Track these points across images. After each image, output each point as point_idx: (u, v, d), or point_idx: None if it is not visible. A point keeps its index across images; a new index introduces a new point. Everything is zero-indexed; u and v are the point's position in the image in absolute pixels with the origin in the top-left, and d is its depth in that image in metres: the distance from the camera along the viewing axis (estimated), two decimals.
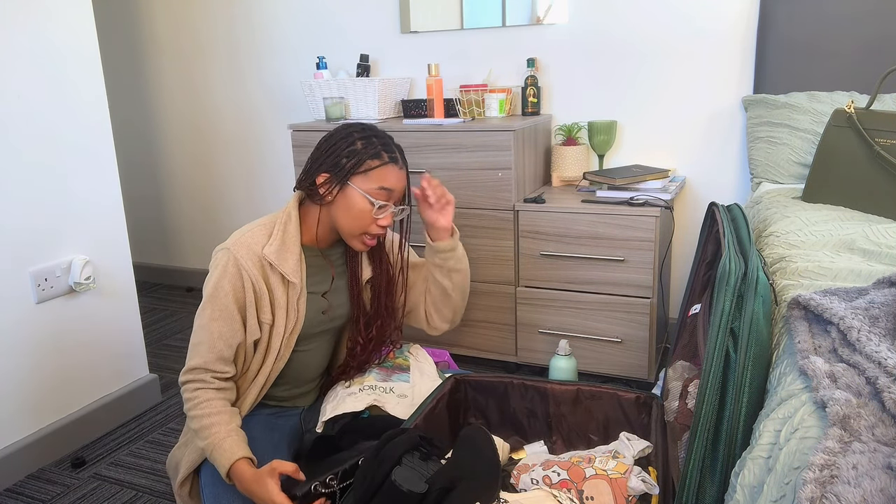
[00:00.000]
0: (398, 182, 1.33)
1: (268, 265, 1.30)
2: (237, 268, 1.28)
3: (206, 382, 1.26)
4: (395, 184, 1.32)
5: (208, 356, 1.26)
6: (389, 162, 1.32)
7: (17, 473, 1.74)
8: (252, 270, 1.28)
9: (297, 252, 1.33)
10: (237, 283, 1.28)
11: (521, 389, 1.53)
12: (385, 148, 1.33)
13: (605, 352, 2.04)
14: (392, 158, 1.33)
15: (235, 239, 1.31)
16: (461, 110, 2.31)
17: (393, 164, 1.32)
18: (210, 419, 1.22)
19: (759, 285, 0.94)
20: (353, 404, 1.38)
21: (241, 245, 1.29)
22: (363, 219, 1.31)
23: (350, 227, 1.32)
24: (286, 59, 2.83)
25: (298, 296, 1.33)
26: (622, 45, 2.29)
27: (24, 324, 1.74)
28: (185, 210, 3.28)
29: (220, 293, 1.27)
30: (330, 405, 1.40)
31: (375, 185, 1.30)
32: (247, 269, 1.28)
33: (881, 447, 0.64)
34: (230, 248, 1.29)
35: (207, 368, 1.26)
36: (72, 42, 1.82)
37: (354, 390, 1.43)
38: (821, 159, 1.60)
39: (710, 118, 2.24)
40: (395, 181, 1.32)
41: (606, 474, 1.15)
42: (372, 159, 1.31)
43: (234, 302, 1.27)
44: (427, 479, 1.08)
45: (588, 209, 1.96)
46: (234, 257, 1.28)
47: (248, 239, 1.30)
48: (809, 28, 1.99)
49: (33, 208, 1.75)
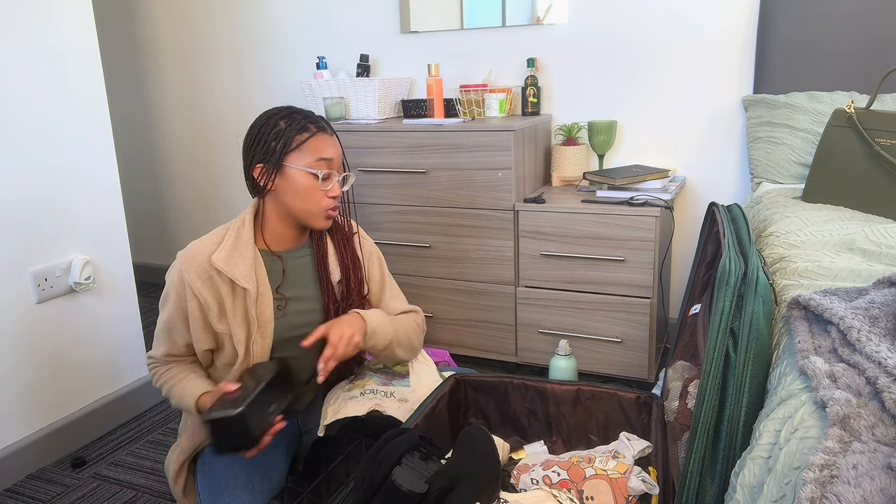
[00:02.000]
0: (333, 149, 1.29)
1: (216, 273, 1.26)
2: (180, 279, 1.27)
3: (166, 364, 1.34)
4: (331, 152, 1.28)
5: (164, 348, 1.33)
6: (318, 132, 1.28)
7: (17, 473, 1.74)
8: (195, 283, 1.25)
9: (250, 256, 1.28)
10: (181, 294, 1.27)
11: (521, 389, 1.53)
12: (309, 120, 1.30)
13: (605, 352, 2.04)
14: (320, 128, 1.29)
15: (185, 249, 1.29)
16: (461, 110, 2.31)
17: (322, 132, 1.29)
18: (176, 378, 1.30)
19: (759, 285, 0.94)
20: (355, 408, 1.38)
21: (188, 256, 1.27)
22: (312, 195, 1.27)
23: (303, 208, 1.28)
24: (286, 59, 2.83)
25: (256, 301, 1.28)
26: (622, 45, 2.29)
27: (24, 324, 1.74)
28: (186, 210, 3.28)
29: (167, 302, 1.30)
30: (331, 408, 1.40)
31: (312, 158, 1.26)
32: (189, 281, 1.26)
33: (881, 447, 0.64)
34: (178, 259, 1.28)
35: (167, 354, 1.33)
36: (72, 42, 1.82)
37: (356, 394, 1.43)
38: (821, 159, 1.60)
39: (710, 118, 2.24)
40: (330, 149, 1.28)
41: (606, 474, 1.15)
42: (300, 133, 1.27)
43: (178, 313, 1.29)
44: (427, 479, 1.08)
45: (588, 209, 1.96)
46: (178, 269, 1.27)
47: (195, 249, 1.28)
48: (809, 28, 1.99)
49: (33, 208, 1.75)
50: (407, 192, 2.18)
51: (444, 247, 2.18)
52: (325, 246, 1.40)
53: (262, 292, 1.29)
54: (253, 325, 1.29)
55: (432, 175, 2.13)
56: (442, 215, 2.15)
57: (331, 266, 1.39)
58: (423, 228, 2.19)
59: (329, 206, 1.29)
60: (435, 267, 2.22)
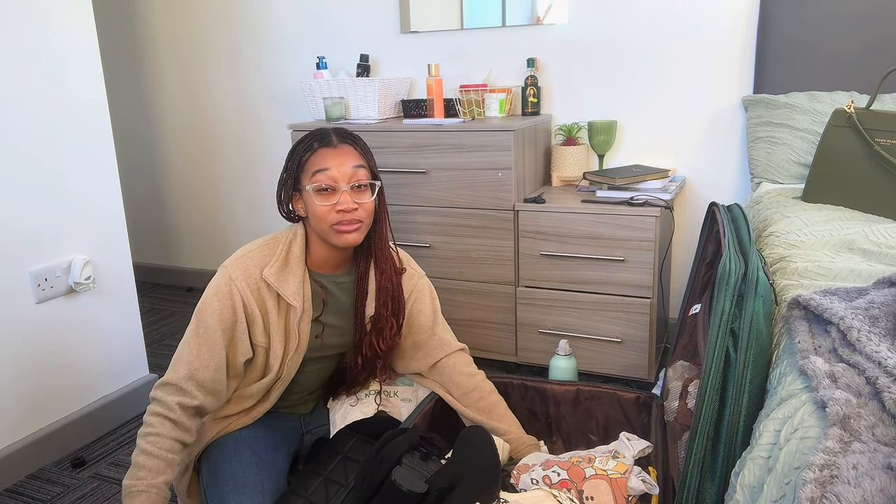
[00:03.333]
0: (334, 159, 1.26)
1: (265, 287, 1.27)
2: (229, 288, 1.25)
3: (170, 410, 1.19)
4: (330, 162, 1.25)
5: (182, 373, 1.21)
6: (320, 147, 1.28)
7: (17, 473, 1.74)
8: (245, 293, 1.25)
9: (299, 274, 1.29)
10: (226, 304, 1.24)
11: (521, 389, 1.53)
12: (315, 137, 1.29)
13: (605, 352, 2.04)
14: (325, 143, 1.28)
15: (235, 258, 1.28)
16: (461, 110, 2.31)
17: (325, 147, 1.28)
18: (146, 459, 1.15)
19: (759, 285, 0.94)
20: (362, 410, 1.39)
21: (239, 266, 1.26)
22: (317, 211, 1.26)
23: (318, 226, 1.28)
24: (286, 59, 2.83)
25: (300, 319, 1.30)
26: (622, 45, 2.29)
27: (24, 324, 1.74)
28: (185, 210, 3.28)
29: (206, 311, 1.24)
30: (339, 415, 1.41)
31: (312, 173, 1.26)
32: (240, 290, 1.25)
33: (881, 447, 0.64)
34: (227, 267, 1.27)
35: (179, 387, 1.20)
36: (72, 42, 1.82)
37: (360, 396, 1.45)
38: (821, 159, 1.60)
39: (710, 118, 2.24)
40: (330, 160, 1.26)
41: (606, 474, 1.15)
42: (304, 153, 1.28)
43: (218, 323, 1.23)
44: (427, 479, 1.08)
45: (588, 209, 1.96)
46: (228, 277, 1.26)
47: (247, 261, 1.27)
48: (809, 28, 1.99)
49: (33, 208, 1.75)
50: (407, 192, 2.18)
51: (444, 247, 2.18)
52: (367, 276, 1.38)
53: (305, 310, 1.30)
54: (292, 342, 1.30)
55: (432, 175, 2.13)
56: (442, 215, 2.15)
57: (369, 297, 1.38)
58: (424, 228, 2.19)
59: (335, 220, 1.26)
60: (435, 267, 2.22)
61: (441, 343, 1.42)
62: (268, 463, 1.29)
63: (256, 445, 1.30)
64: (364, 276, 1.38)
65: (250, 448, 1.29)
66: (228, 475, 1.24)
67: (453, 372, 1.41)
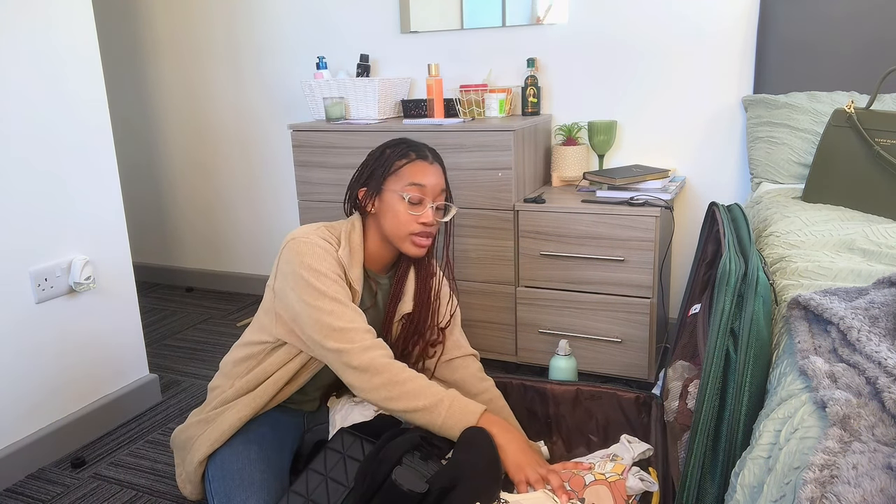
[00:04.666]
0: (429, 177, 1.35)
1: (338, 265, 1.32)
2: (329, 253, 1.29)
3: (383, 349, 1.24)
4: (425, 179, 1.34)
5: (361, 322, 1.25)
6: (417, 159, 1.35)
7: (17, 473, 1.74)
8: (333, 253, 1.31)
9: (360, 262, 1.35)
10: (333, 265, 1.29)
11: (521, 390, 1.53)
12: (412, 148, 1.37)
13: (605, 352, 2.04)
14: (421, 156, 1.36)
15: (305, 231, 1.31)
16: (461, 110, 2.31)
17: (421, 160, 1.35)
18: (421, 380, 1.22)
19: (759, 285, 0.94)
20: (362, 413, 1.39)
21: (318, 234, 1.31)
22: (400, 217, 1.33)
23: (395, 230, 1.34)
24: (286, 59, 2.83)
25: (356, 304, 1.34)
26: (622, 46, 2.29)
27: (24, 324, 1.74)
28: (186, 210, 3.28)
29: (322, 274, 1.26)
30: (339, 416, 1.41)
31: (406, 182, 1.33)
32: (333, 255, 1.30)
33: (881, 447, 0.64)
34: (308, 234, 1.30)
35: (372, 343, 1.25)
36: (72, 42, 1.82)
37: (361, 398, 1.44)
38: (821, 159, 1.60)
39: (710, 118, 2.24)
40: (426, 176, 1.34)
41: (605, 478, 1.15)
42: (399, 159, 1.35)
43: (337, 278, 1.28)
44: (427, 479, 1.08)
45: (588, 209, 1.96)
46: (324, 248, 1.29)
47: (316, 237, 1.31)
48: (809, 28, 1.99)
49: (33, 208, 1.75)
50: None
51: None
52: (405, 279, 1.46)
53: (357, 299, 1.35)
54: None
55: None
56: None
57: (405, 298, 1.44)
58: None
59: (415, 230, 1.34)
60: None
61: (457, 344, 1.50)
62: (274, 461, 1.30)
63: (263, 441, 1.31)
64: (402, 279, 1.45)
65: (257, 443, 1.31)
66: (235, 471, 1.25)
67: (466, 373, 1.47)
